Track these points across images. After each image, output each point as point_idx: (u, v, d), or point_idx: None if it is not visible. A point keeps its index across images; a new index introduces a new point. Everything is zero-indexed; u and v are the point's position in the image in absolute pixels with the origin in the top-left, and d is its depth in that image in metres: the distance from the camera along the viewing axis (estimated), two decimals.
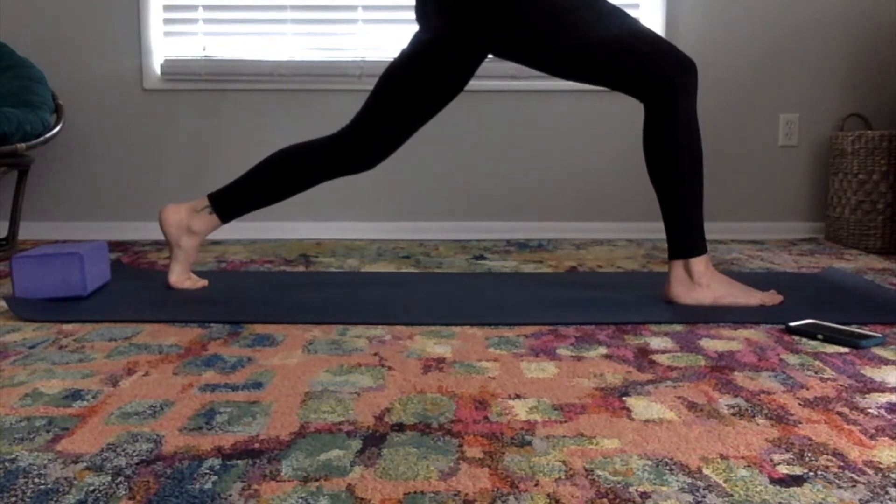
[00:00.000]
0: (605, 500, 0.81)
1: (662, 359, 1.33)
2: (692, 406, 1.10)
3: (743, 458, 0.92)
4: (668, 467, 0.89)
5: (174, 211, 1.86)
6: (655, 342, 1.44)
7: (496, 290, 1.89)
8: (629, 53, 1.63)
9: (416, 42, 1.75)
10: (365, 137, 1.76)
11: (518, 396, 1.14)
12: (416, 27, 2.98)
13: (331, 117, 3.00)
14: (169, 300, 1.78)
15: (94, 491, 0.83)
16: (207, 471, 0.88)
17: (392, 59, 1.77)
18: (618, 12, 1.67)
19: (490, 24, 1.67)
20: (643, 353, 1.37)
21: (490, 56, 1.77)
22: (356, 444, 0.96)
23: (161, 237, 2.96)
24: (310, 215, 3.04)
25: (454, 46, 1.71)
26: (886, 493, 0.83)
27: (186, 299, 1.78)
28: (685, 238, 1.69)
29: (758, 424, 1.03)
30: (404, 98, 1.74)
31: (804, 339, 1.46)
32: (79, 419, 1.04)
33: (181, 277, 1.89)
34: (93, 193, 3.03)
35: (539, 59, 1.70)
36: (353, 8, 2.98)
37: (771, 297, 1.72)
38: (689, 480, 0.86)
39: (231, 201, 1.83)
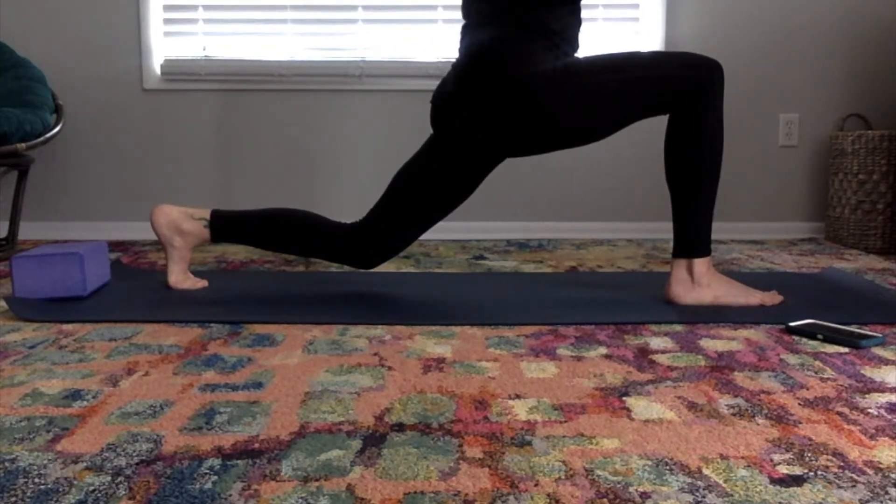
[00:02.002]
0: (605, 500, 0.81)
1: (662, 359, 1.33)
2: (692, 406, 1.10)
3: (743, 458, 0.92)
4: (668, 467, 0.89)
5: (165, 212, 1.86)
6: (655, 342, 1.44)
7: (496, 290, 1.89)
8: (660, 84, 1.63)
9: (433, 146, 1.74)
10: (373, 235, 1.77)
11: (518, 396, 1.14)
12: (415, 27, 2.98)
13: (331, 117, 3.01)
14: (169, 300, 1.78)
15: (94, 491, 0.83)
16: (207, 471, 0.88)
17: (405, 162, 1.78)
18: (627, 54, 1.67)
19: (527, 137, 1.68)
20: (643, 353, 1.37)
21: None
22: (356, 444, 0.96)
23: None
24: None
25: (476, 155, 1.72)
26: (886, 493, 0.83)
27: (186, 299, 1.78)
28: (693, 238, 1.68)
29: (758, 424, 1.03)
30: (413, 200, 1.75)
31: (804, 339, 1.46)
32: (79, 419, 1.04)
33: (180, 277, 1.89)
34: (93, 193, 3.03)
35: (577, 142, 1.71)
36: (353, 8, 2.98)
37: (771, 297, 1.72)
38: (689, 480, 0.86)
39: (228, 228, 1.83)
